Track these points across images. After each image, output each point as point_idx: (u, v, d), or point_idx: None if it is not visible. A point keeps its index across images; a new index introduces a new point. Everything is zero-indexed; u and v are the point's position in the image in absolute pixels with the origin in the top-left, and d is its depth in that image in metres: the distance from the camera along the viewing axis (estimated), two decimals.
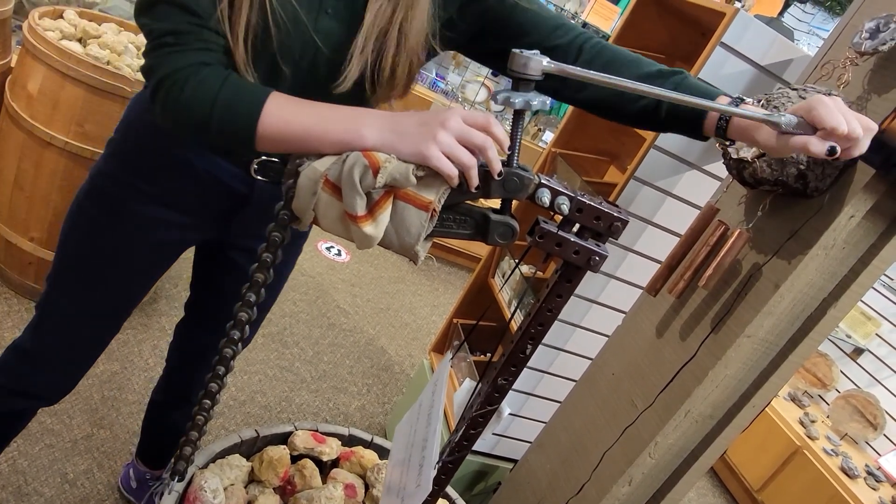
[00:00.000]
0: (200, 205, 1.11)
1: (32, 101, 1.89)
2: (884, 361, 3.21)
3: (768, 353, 1.23)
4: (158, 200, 1.08)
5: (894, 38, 1.03)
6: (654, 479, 1.38)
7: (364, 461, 1.42)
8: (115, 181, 1.08)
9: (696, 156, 1.66)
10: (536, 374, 1.98)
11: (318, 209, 0.78)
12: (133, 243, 1.11)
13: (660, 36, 1.91)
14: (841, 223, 1.07)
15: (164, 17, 0.82)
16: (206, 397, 1.00)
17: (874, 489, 2.80)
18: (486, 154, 0.77)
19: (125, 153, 1.08)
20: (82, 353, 1.21)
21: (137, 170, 1.07)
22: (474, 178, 0.77)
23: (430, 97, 4.00)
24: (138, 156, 1.07)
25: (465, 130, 0.76)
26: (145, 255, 1.14)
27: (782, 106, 1.05)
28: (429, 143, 0.75)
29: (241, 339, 0.96)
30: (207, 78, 0.81)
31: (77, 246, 1.12)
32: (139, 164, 1.07)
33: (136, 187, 1.07)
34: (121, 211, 1.08)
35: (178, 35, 0.82)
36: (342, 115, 0.80)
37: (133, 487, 1.69)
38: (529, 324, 0.91)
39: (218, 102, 0.80)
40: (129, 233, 1.10)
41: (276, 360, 2.51)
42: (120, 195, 1.08)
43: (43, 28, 1.91)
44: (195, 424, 1.03)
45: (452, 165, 0.75)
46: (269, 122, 0.79)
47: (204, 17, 0.82)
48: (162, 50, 0.82)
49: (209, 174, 1.06)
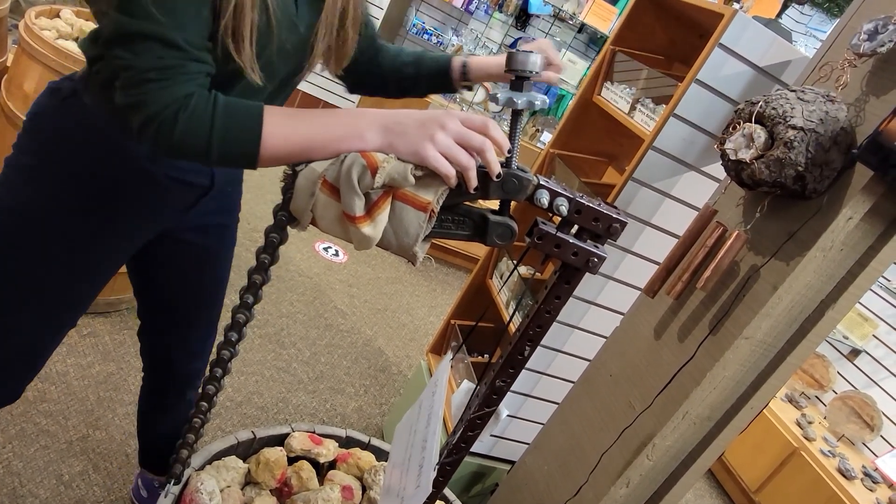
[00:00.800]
0: (160, 208, 1.08)
1: (28, 101, 1.88)
2: (881, 363, 3.21)
3: (766, 355, 1.23)
4: (108, 214, 1.03)
5: (892, 39, 1.03)
6: (652, 480, 1.38)
7: (361, 463, 1.41)
8: (51, 208, 0.99)
9: (694, 157, 1.66)
10: (534, 375, 1.97)
11: (316, 210, 0.78)
12: (78, 260, 1.05)
13: (658, 37, 1.91)
14: (839, 225, 1.07)
15: (145, 53, 0.77)
16: (203, 399, 1.00)
17: (871, 490, 2.80)
18: (484, 156, 0.77)
19: (55, 177, 0.98)
20: (23, 364, 1.13)
21: (77, 191, 0.99)
22: (472, 179, 0.77)
23: (427, 97, 4.00)
24: (76, 177, 0.98)
25: (463, 132, 0.76)
26: (91, 268, 1.08)
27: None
28: (427, 143, 0.75)
29: (240, 341, 0.95)
30: (197, 108, 0.78)
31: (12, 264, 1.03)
32: (78, 185, 0.98)
33: (77, 208, 1.00)
34: (63, 234, 1.01)
35: (162, 71, 0.78)
36: (340, 119, 0.80)
37: (144, 497, 1.67)
38: (528, 325, 0.90)
39: (215, 134, 0.78)
40: (74, 251, 1.03)
41: (273, 360, 2.50)
42: (62, 220, 1.00)
43: (39, 27, 1.90)
44: (192, 427, 1.03)
45: (450, 166, 0.76)
46: (270, 143, 0.79)
47: (188, 51, 0.79)
48: (145, 86, 0.78)
49: (168, 177, 1.03)
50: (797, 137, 1.01)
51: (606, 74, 1.89)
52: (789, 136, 1.02)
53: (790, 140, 1.01)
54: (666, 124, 1.58)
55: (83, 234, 1.02)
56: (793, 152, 1.02)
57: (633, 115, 1.74)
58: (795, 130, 1.01)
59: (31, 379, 1.16)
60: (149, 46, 0.77)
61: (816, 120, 1.02)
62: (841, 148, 1.04)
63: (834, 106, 1.05)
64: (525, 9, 4.63)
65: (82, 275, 1.07)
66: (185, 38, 0.78)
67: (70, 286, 1.07)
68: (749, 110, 1.09)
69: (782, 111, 1.04)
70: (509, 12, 4.64)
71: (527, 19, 4.77)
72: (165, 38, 0.77)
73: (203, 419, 1.02)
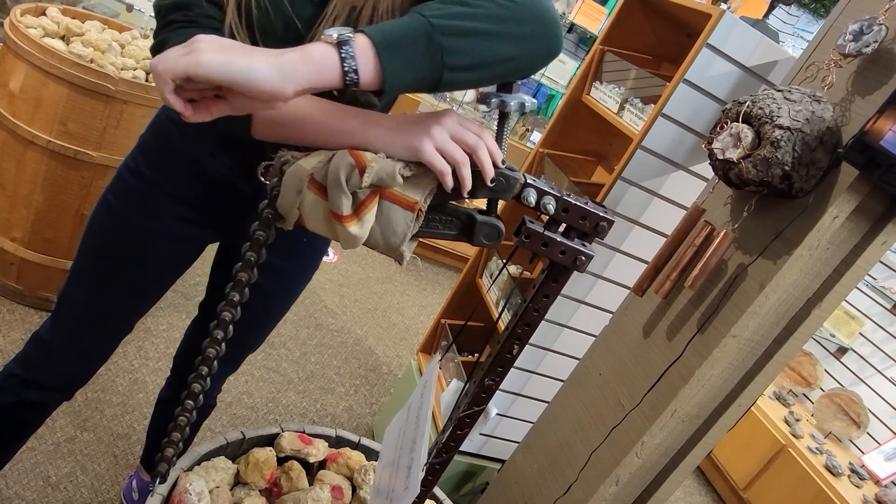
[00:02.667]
0: (209, 203, 1.12)
1: (14, 100, 1.87)
2: (867, 360, 3.24)
3: (754, 353, 1.24)
4: (175, 197, 1.10)
5: (877, 40, 1.04)
6: (641, 478, 1.38)
7: (351, 463, 1.41)
8: (136, 175, 1.10)
9: (682, 156, 1.67)
10: (524, 374, 1.98)
11: (303, 208, 0.78)
12: (153, 238, 1.13)
13: (646, 37, 1.92)
14: (825, 224, 1.08)
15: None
16: (189, 398, 0.99)
17: (858, 487, 2.83)
18: (477, 155, 0.76)
19: (148, 148, 1.11)
20: (96, 348, 1.22)
21: (156, 164, 1.10)
22: (467, 178, 0.76)
23: (417, 97, 4.00)
24: (158, 151, 1.10)
25: (459, 129, 0.76)
26: (164, 251, 1.16)
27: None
28: (423, 138, 0.75)
29: (226, 339, 0.95)
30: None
31: (98, 239, 1.14)
32: (158, 159, 1.10)
33: (155, 182, 1.10)
34: (141, 204, 1.10)
35: (183, 9, 0.84)
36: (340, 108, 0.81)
37: (135, 499, 1.65)
38: (516, 324, 0.90)
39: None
40: (150, 227, 1.12)
41: (263, 360, 2.49)
42: (141, 188, 1.10)
43: (25, 25, 1.88)
44: (177, 425, 1.02)
45: (445, 162, 0.75)
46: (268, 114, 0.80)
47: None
48: (170, 28, 0.84)
49: (216, 172, 1.08)
50: (784, 137, 1.02)
51: (595, 74, 1.90)
52: (776, 135, 1.02)
53: (777, 139, 1.02)
54: (654, 124, 1.58)
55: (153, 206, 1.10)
56: (779, 152, 1.02)
57: (621, 114, 1.75)
58: (782, 130, 1.02)
59: (103, 362, 1.25)
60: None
61: (803, 120, 1.03)
62: (827, 147, 1.05)
63: (820, 106, 1.06)
64: None
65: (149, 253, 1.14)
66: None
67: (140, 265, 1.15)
68: (736, 110, 1.10)
69: (769, 111, 1.05)
70: None
71: None
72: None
73: (189, 417, 1.01)
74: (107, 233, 1.13)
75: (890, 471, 2.90)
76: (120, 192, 1.12)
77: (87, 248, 1.15)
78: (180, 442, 1.05)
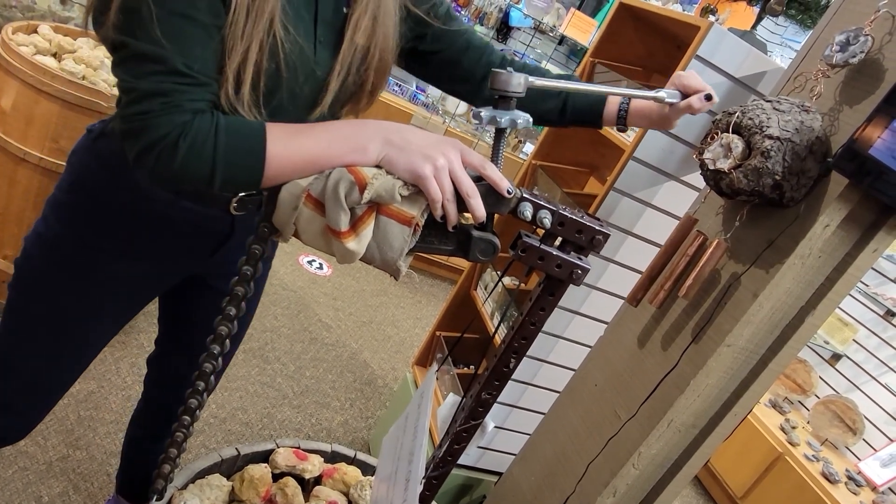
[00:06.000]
0: (181, 252, 1.08)
1: (6, 117, 1.86)
2: (862, 367, 3.25)
3: (748, 362, 1.24)
4: (132, 255, 1.03)
5: (864, 50, 1.05)
6: (639, 489, 1.38)
7: (347, 478, 1.40)
8: (79, 246, 1.01)
9: (674, 167, 1.68)
10: (520, 386, 1.97)
11: (299, 224, 0.78)
12: (103, 300, 1.06)
13: (636, 49, 1.93)
14: (816, 232, 1.09)
15: (147, 77, 0.75)
16: (186, 413, 0.98)
17: (855, 494, 2.83)
18: (469, 202, 0.78)
19: (85, 215, 1.00)
20: (42, 398, 1.14)
21: (103, 230, 1.00)
22: (453, 215, 0.78)
23: (410, 109, 4.01)
24: (102, 216, 1.00)
25: (460, 173, 0.77)
26: (116, 308, 1.10)
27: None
28: (426, 164, 0.76)
29: (222, 354, 0.94)
30: (199, 134, 0.76)
31: (37, 304, 1.04)
32: (104, 224, 1.00)
33: (104, 248, 1.01)
34: (89, 273, 1.02)
35: (166, 96, 0.75)
36: (343, 133, 0.80)
37: None
38: (513, 338, 0.91)
39: (218, 160, 0.77)
40: (100, 291, 1.05)
41: (258, 375, 2.48)
42: (88, 259, 1.01)
43: (17, 43, 1.88)
44: (174, 441, 1.01)
45: (440, 193, 0.77)
46: (274, 164, 0.78)
47: (192, 76, 0.77)
48: (145, 113, 0.75)
49: (188, 222, 1.02)
50: (774, 147, 1.03)
51: None
52: (766, 145, 1.03)
53: (767, 149, 1.03)
54: (646, 135, 1.60)
55: (107, 273, 1.03)
56: (770, 161, 1.03)
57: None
58: (772, 140, 1.03)
59: (42, 417, 1.16)
60: (151, 69, 0.75)
61: (792, 129, 1.04)
62: (816, 157, 1.06)
63: (809, 115, 1.07)
64: (506, 21, 4.67)
65: (104, 313, 1.08)
66: (188, 64, 0.76)
67: (91, 323, 1.08)
68: (726, 120, 1.11)
69: (759, 121, 1.06)
70: (490, 25, 4.68)
71: (508, 32, 4.81)
72: (168, 63, 0.75)
73: (186, 433, 1.01)
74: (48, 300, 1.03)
75: (886, 477, 2.90)
76: (62, 264, 1.01)
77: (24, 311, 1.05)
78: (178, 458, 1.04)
